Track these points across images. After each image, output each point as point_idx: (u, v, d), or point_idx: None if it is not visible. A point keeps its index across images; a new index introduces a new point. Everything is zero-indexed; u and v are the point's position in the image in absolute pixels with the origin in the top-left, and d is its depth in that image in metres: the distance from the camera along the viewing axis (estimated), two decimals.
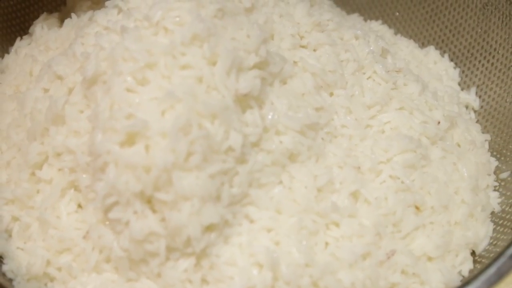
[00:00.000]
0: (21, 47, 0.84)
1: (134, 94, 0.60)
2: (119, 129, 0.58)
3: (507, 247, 0.60)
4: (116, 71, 0.61)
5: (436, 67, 0.86)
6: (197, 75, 0.60)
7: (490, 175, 0.74)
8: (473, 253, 0.68)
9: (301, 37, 0.71)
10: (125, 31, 0.63)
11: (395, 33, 0.91)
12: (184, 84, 0.59)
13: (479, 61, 0.82)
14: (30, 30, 0.86)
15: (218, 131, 0.59)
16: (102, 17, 0.70)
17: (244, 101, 0.62)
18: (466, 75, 0.84)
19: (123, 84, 0.60)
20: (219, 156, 0.59)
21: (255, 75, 0.62)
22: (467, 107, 0.83)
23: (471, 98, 0.82)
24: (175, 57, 0.61)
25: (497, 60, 0.79)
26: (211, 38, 0.61)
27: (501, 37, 0.78)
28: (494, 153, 0.77)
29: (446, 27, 0.86)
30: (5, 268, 0.66)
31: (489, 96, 0.81)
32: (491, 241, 0.68)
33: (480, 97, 0.82)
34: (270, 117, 0.63)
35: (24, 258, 0.66)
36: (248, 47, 0.63)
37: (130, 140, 0.58)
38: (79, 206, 0.66)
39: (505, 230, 0.67)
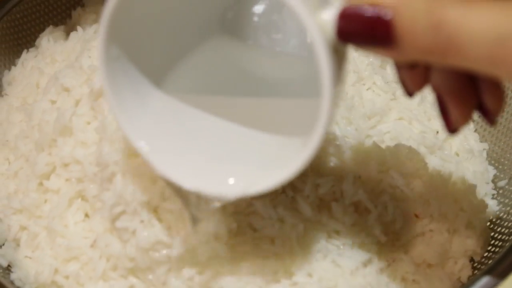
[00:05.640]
0: (28, 60, 0.86)
1: None
2: (126, 140, 0.59)
3: (504, 253, 0.61)
4: None
5: None
6: None
7: (488, 183, 0.75)
8: (472, 260, 0.69)
9: None
10: None
11: None
12: None
13: None
14: (37, 43, 0.88)
15: None
16: None
17: None
18: None
19: None
20: None
21: None
22: None
23: None
24: None
25: None
26: None
27: None
28: (492, 161, 0.78)
29: None
30: (13, 276, 0.67)
31: None
32: (489, 248, 0.69)
33: None
34: None
35: (32, 266, 0.67)
36: None
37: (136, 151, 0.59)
38: (86, 215, 0.67)
39: (503, 237, 0.68)
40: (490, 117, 0.47)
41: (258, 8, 0.58)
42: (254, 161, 0.50)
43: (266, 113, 0.56)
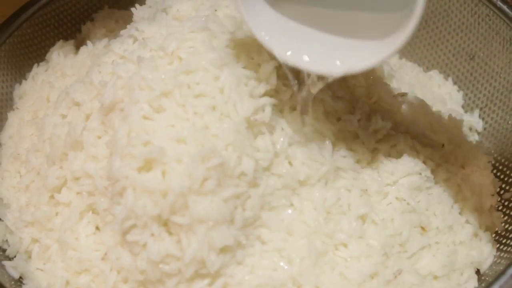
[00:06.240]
0: (38, 74, 0.87)
1: (151, 121, 0.62)
2: (137, 155, 0.60)
3: (509, 265, 0.62)
4: (133, 99, 0.63)
5: (440, 91, 0.88)
6: (211, 104, 0.62)
7: (493, 195, 0.76)
8: (477, 272, 0.69)
9: None
10: (141, 61, 0.65)
11: (400, 58, 0.93)
12: (198, 112, 0.62)
13: (482, 85, 0.84)
14: (47, 57, 0.89)
15: (232, 157, 0.61)
16: (118, 46, 0.72)
17: (256, 128, 0.64)
18: (470, 98, 0.87)
19: (140, 112, 0.62)
20: (232, 181, 0.61)
21: (266, 102, 0.64)
22: (470, 129, 0.84)
23: (474, 120, 0.84)
24: (189, 86, 0.63)
25: (499, 83, 0.81)
26: (224, 67, 0.64)
27: (502, 61, 0.80)
28: (498, 174, 0.79)
29: (450, 51, 0.88)
30: None
31: (492, 118, 0.83)
32: (495, 260, 0.70)
33: (483, 119, 0.84)
34: (280, 142, 0.65)
35: (44, 278, 0.68)
36: (260, 76, 0.65)
37: (147, 165, 0.60)
38: (97, 228, 0.68)
39: (508, 249, 0.69)
40: None
41: None
42: (350, 51, 0.61)
43: (355, 20, 0.63)
